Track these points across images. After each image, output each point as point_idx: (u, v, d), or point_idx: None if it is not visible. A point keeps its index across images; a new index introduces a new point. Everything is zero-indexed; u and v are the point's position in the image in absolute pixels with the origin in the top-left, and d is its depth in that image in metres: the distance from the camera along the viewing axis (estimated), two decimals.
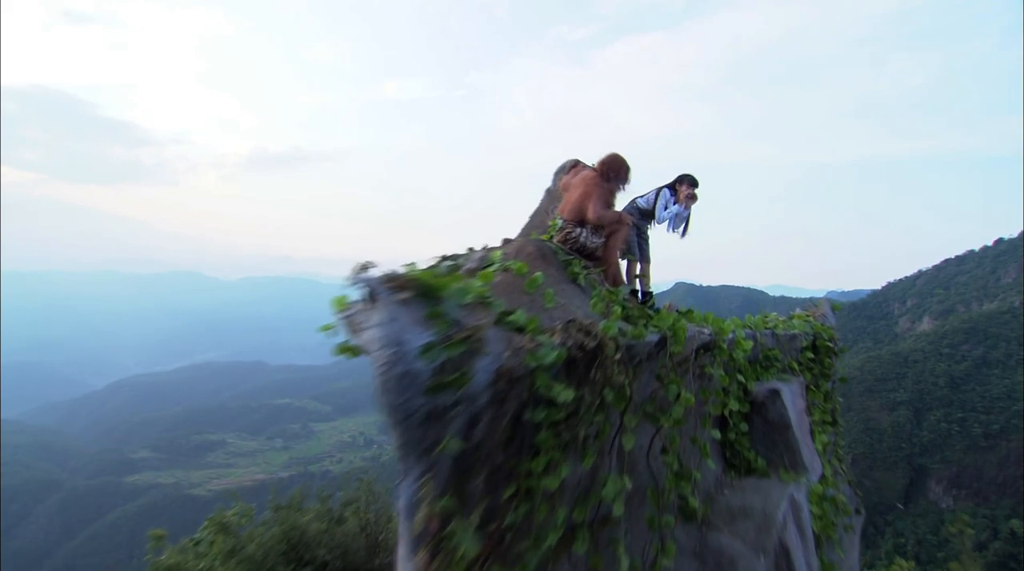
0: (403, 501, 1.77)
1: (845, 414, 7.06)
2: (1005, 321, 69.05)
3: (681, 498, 3.08)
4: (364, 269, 2.00)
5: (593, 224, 3.58)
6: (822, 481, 3.98)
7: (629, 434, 2.51)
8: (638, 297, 4.34)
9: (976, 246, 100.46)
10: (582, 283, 3.16)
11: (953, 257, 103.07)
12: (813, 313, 5.98)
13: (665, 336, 2.85)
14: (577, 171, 3.98)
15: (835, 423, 5.22)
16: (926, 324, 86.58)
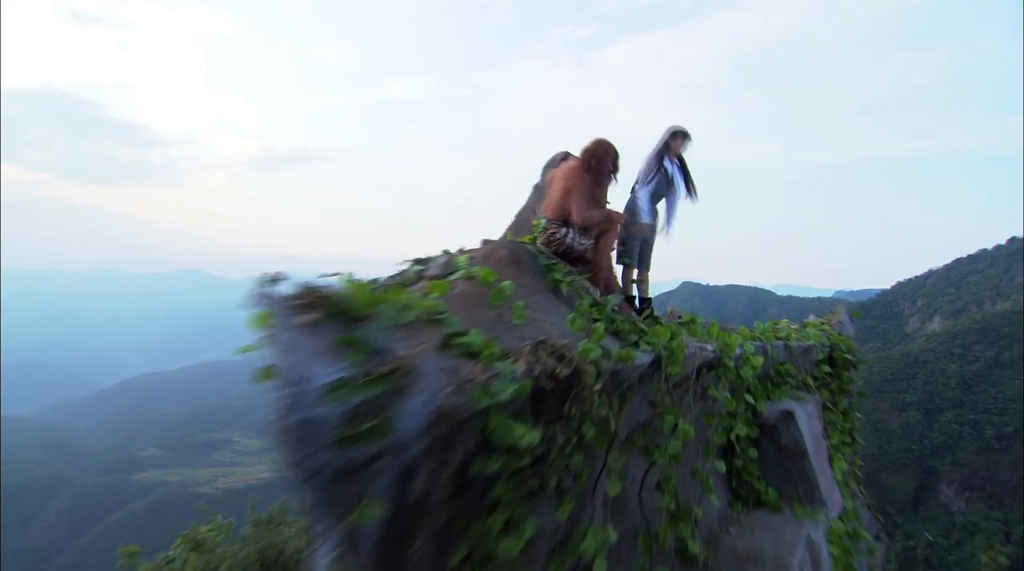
0: None
1: None
2: (1018, 321, 67.70)
3: (679, 541, 2.65)
4: (272, 282, 1.59)
5: (579, 224, 3.15)
6: (842, 516, 3.52)
7: (614, 478, 2.08)
8: (635, 305, 3.87)
9: (989, 245, 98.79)
10: (565, 292, 2.71)
11: (965, 256, 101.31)
12: (829, 321, 5.46)
13: (660, 356, 2.42)
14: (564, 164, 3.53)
15: (853, 442, 4.74)
16: (937, 324, 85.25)
